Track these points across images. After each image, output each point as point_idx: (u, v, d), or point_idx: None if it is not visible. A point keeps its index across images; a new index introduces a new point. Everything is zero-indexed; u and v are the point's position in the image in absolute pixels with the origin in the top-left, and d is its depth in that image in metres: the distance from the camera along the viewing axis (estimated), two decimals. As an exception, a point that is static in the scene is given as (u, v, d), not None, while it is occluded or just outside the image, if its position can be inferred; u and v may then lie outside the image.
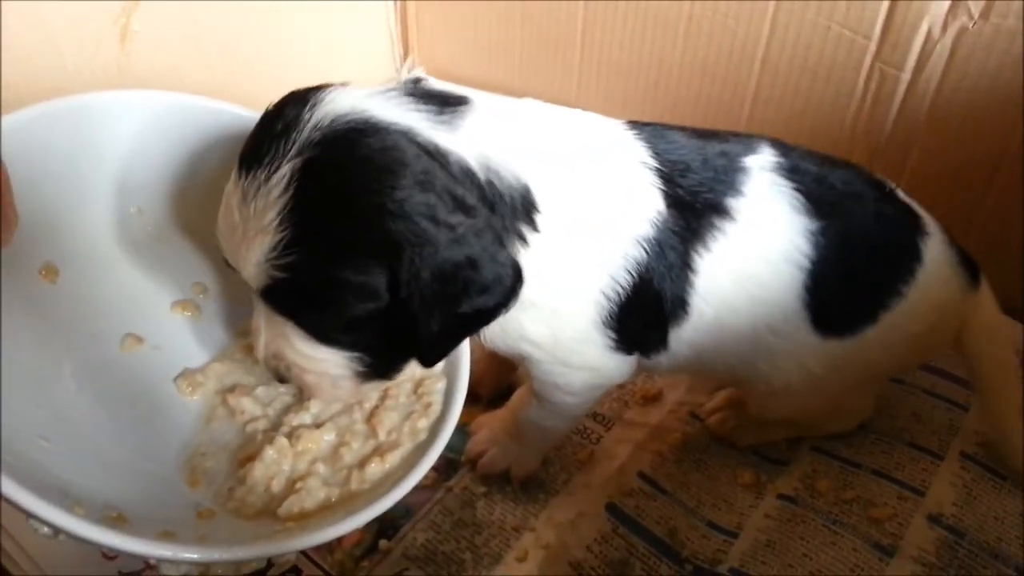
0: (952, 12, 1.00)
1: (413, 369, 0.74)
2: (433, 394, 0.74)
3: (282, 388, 0.76)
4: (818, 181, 0.80)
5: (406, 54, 1.56)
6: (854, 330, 0.83)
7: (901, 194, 0.86)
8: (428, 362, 0.68)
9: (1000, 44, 0.98)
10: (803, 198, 0.78)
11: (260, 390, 0.77)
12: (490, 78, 1.47)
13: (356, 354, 0.67)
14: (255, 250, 0.62)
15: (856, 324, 0.83)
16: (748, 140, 0.81)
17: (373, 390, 0.74)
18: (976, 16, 0.98)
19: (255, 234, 0.61)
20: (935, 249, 0.84)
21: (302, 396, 0.75)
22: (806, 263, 0.78)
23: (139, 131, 0.75)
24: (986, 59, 1.00)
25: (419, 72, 0.73)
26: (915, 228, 0.84)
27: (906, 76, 1.07)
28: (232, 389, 0.77)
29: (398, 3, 1.51)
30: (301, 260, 0.61)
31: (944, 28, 1.01)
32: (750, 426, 0.98)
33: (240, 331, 0.81)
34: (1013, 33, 0.97)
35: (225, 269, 0.79)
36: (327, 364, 0.67)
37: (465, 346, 0.76)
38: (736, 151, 0.79)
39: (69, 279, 0.73)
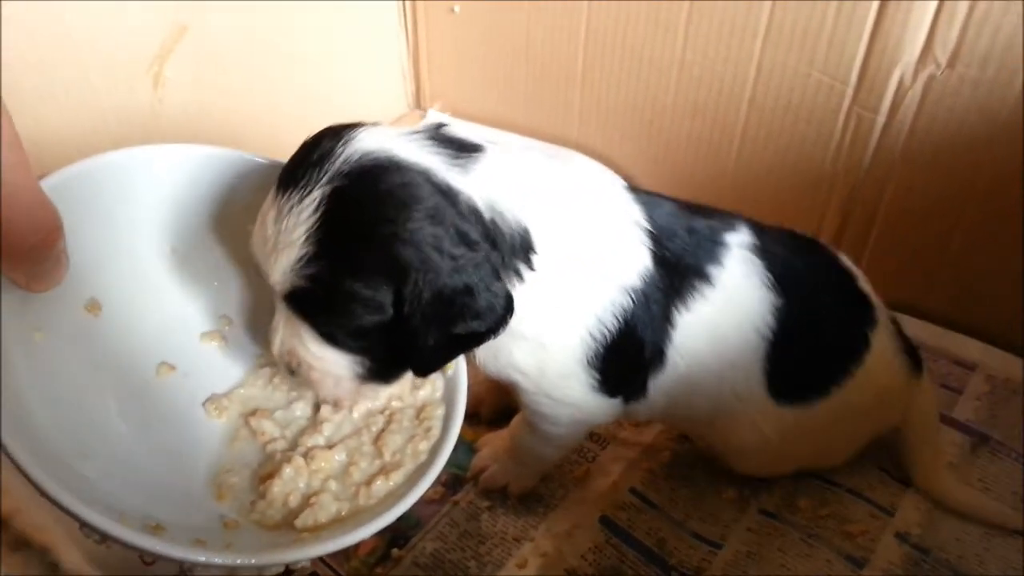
0: (922, 61, 1.04)
1: (415, 396, 0.80)
2: (433, 419, 0.78)
3: (298, 412, 0.81)
4: (786, 263, 0.86)
5: (418, 92, 1.60)
6: (805, 400, 0.89)
7: (862, 283, 0.92)
8: (421, 372, 0.74)
9: (965, 90, 1.03)
10: (772, 277, 0.84)
11: (279, 413, 0.81)
12: (497, 114, 1.51)
13: (359, 358, 0.73)
14: (283, 260, 0.68)
15: (807, 395, 0.89)
16: (730, 219, 0.87)
17: (368, 392, 0.78)
18: (943, 65, 1.03)
19: (284, 247, 0.68)
20: (882, 338, 0.90)
21: (316, 419, 0.80)
22: (769, 334, 0.84)
23: (171, 181, 0.80)
24: (953, 103, 1.04)
25: (443, 118, 0.78)
26: (867, 318, 0.90)
27: (881, 119, 1.11)
28: (254, 412, 0.82)
29: (411, 44, 1.55)
30: (321, 272, 0.67)
31: (915, 76, 1.06)
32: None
33: (261, 361, 0.85)
34: (976, 80, 1.01)
35: (248, 302, 0.84)
36: (332, 364, 0.73)
37: (463, 376, 0.80)
38: (718, 227, 0.85)
39: (111, 313, 0.77)
